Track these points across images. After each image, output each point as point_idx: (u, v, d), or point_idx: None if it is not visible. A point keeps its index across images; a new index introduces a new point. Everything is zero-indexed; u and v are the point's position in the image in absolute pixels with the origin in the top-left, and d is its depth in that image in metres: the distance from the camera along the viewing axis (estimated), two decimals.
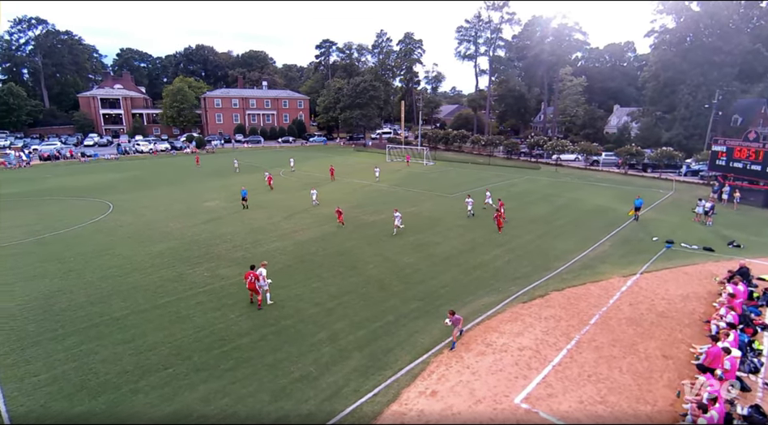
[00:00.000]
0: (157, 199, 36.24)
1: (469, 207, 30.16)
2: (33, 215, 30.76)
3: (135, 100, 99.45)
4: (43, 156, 64.04)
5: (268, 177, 41.04)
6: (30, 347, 13.81)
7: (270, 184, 40.32)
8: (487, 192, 34.69)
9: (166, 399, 11.44)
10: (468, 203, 30.35)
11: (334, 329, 15.00)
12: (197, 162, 58.62)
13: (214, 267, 20.74)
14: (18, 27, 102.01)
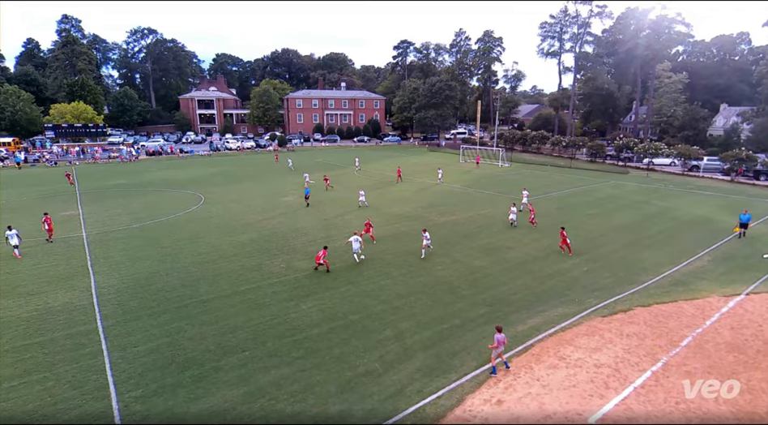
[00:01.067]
0: (242, 192, 38.94)
1: (512, 216, 27.86)
2: (139, 204, 34.58)
3: (227, 101, 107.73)
4: (149, 151, 71.89)
5: (325, 178, 41.19)
6: (132, 321, 15.56)
7: (327, 184, 40.22)
8: (524, 192, 32.95)
9: (242, 379, 12.27)
10: (512, 211, 28.03)
11: (401, 328, 15.09)
12: (276, 159, 62.14)
13: (290, 259, 21.84)
14: (133, 38, 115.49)
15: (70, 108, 73.17)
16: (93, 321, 15.55)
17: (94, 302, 17.01)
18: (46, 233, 24.61)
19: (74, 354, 13.49)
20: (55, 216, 30.82)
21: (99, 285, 18.72)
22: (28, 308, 16.56)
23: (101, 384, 12.02)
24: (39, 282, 18.99)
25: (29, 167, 58.12)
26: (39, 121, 74.37)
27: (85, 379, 12.27)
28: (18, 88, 75.45)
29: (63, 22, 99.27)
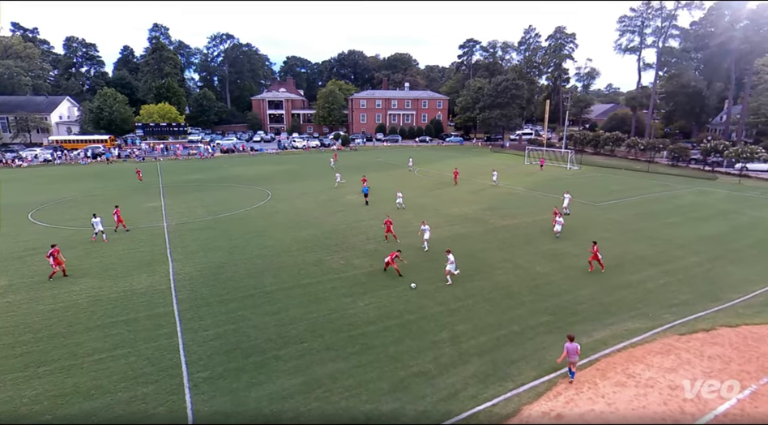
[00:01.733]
0: (306, 189, 40.38)
1: (558, 227, 25.28)
2: (213, 198, 37.04)
3: (295, 101, 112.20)
4: (223, 149, 76.77)
5: (363, 179, 39.54)
6: (203, 307, 16.71)
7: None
8: (566, 195, 31.09)
9: (300, 369, 12.73)
10: (558, 222, 25.29)
11: (456, 331, 14.86)
12: (335, 158, 63.74)
13: (348, 256, 22.31)
14: (213, 43, 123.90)
15: (157, 108, 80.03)
16: (170, 304, 16.90)
17: (171, 287, 18.48)
18: (115, 224, 26.93)
19: (153, 333, 14.76)
20: (141, 206, 33.89)
21: (176, 271, 20.31)
22: (117, 289, 18.36)
23: (175, 363, 13.04)
24: (126, 266, 20.98)
25: (121, 162, 64.36)
26: (131, 120, 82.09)
27: (161, 357, 13.37)
28: (115, 91, 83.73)
29: (154, 30, 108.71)
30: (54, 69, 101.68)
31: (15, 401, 11.41)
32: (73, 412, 11.00)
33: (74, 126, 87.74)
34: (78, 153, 67.79)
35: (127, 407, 11.16)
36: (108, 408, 11.13)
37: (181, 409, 11.07)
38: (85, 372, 12.62)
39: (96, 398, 11.51)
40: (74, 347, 13.93)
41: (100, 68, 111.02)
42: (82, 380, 12.25)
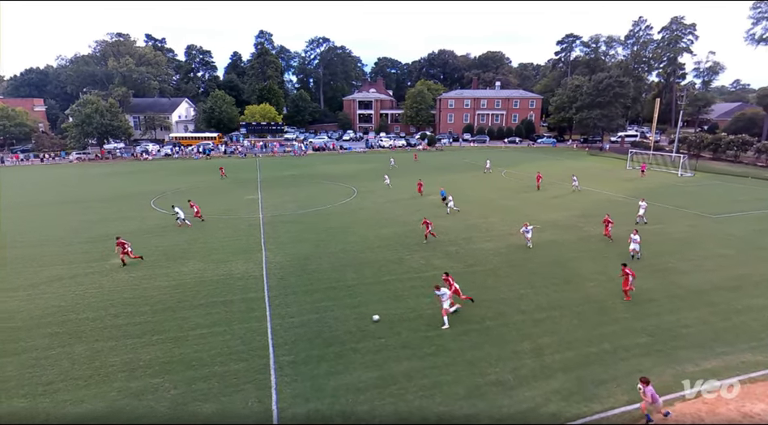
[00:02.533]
0: (391, 188, 41.02)
1: (634, 246, 21.39)
2: (304, 193, 39.25)
3: (384, 102, 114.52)
4: (315, 147, 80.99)
5: (419, 183, 38.87)
6: (290, 295, 17.80)
7: (419, 191, 37.89)
8: (641, 203, 27.92)
9: (376, 364, 12.99)
10: (634, 240, 21.46)
11: (540, 343, 14.09)
12: (415, 158, 63.88)
13: (429, 256, 22.25)
14: (310, 46, 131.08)
15: (258, 109, 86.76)
16: (261, 290, 18.26)
17: (263, 275, 19.95)
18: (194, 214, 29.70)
19: (246, 315, 16.06)
20: (241, 199, 37.00)
21: (268, 260, 21.88)
22: (217, 272, 20.29)
23: (263, 345, 14.07)
24: (226, 253, 23.08)
25: (227, 157, 70.84)
26: (236, 119, 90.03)
27: (252, 338, 14.51)
28: (224, 93, 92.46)
29: (260, 36, 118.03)
30: (176, 74, 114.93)
31: (134, 363, 13.14)
32: (177, 378, 12.38)
33: (189, 125, 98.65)
34: (191, 149, 76.05)
35: (221, 380, 12.27)
36: (205, 379, 12.34)
37: (267, 388, 11.91)
38: (189, 344, 14.14)
39: (196, 369, 12.83)
40: (181, 321, 15.66)
41: (213, 73, 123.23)
42: (186, 351, 13.74)
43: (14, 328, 15.31)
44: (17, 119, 75.71)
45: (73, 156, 69.89)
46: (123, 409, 11.12)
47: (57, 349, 13.93)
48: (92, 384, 12.17)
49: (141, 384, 12.16)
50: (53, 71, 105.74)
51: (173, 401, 11.42)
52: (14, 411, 11.12)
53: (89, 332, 15.03)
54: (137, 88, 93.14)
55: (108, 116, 71.07)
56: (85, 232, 27.38)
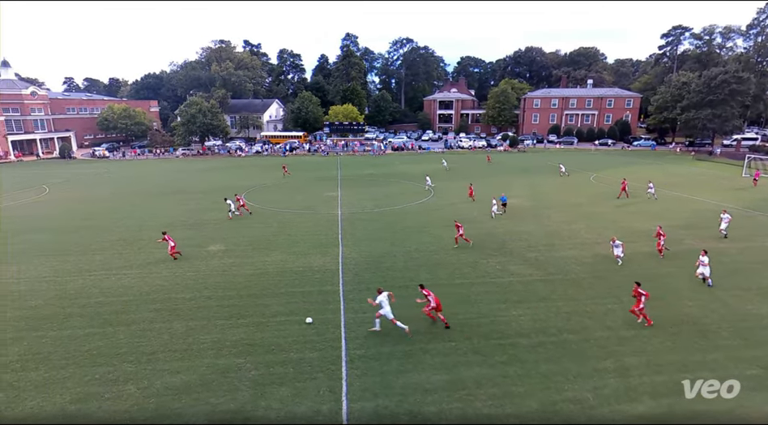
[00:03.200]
0: (466, 189, 40.27)
1: (702, 270, 18.42)
2: (381, 192, 39.95)
3: (465, 102, 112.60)
4: (394, 146, 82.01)
5: (470, 187, 37.02)
6: (364, 290, 18.23)
7: (471, 196, 36.03)
8: (723, 215, 24.47)
9: (445, 367, 12.86)
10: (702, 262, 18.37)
11: (626, 363, 12.96)
12: (488, 160, 61.67)
13: (505, 261, 21.49)
14: (394, 47, 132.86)
15: (342, 109, 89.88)
16: (337, 284, 18.93)
17: (339, 269, 20.66)
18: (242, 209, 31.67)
19: (321, 307, 16.77)
20: (321, 195, 38.62)
21: (344, 255, 22.62)
22: (298, 264, 21.41)
23: (336, 337, 14.59)
24: (306, 246, 24.27)
25: (310, 155, 74.36)
26: (321, 119, 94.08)
27: (326, 329, 15.11)
28: (311, 94, 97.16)
29: (346, 39, 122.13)
30: (269, 77, 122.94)
31: (221, 342, 14.34)
32: (258, 360, 13.28)
33: (278, 124, 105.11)
34: (279, 147, 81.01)
35: (297, 366, 12.94)
36: (282, 364, 13.10)
37: (338, 379, 12.34)
38: (269, 330, 15.10)
39: (274, 353, 13.67)
40: (263, 307, 16.78)
41: (302, 75, 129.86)
42: (266, 336, 14.69)
43: (127, 302, 17.48)
44: (137, 118, 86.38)
45: (179, 151, 77.94)
46: (211, 384, 12.19)
47: (159, 324, 15.65)
48: (186, 358, 13.50)
49: (227, 362, 13.23)
50: (166, 76, 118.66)
51: (253, 381, 12.28)
52: (125, 374, 12.70)
53: (186, 310, 16.68)
54: (234, 90, 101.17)
55: (209, 116, 78.09)
56: (187, 220, 30.41)
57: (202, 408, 11.25)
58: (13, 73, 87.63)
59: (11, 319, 16.03)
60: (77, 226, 28.86)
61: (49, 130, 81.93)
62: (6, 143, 72.85)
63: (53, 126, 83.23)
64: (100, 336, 14.86)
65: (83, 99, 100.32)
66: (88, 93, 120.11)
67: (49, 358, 13.59)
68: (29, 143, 77.93)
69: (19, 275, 20.41)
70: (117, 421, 10.85)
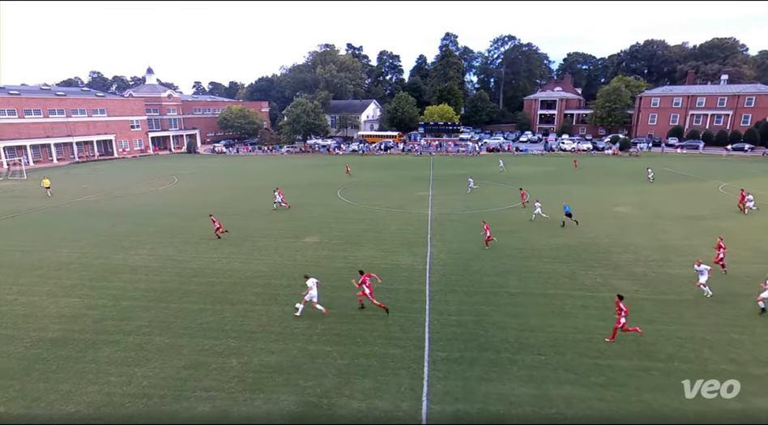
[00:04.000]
0: (565, 195, 37.67)
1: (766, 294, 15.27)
2: (473, 193, 39.03)
3: (570, 101, 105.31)
4: (489, 147, 79.74)
5: (522, 193, 33.66)
6: (450, 292, 18.01)
7: (523, 202, 33.26)
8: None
9: (533, 381, 12.18)
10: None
11: (754, 406, 11.11)
12: (575, 165, 56.53)
13: (608, 275, 19.70)
14: (494, 46, 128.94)
15: (437, 109, 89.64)
16: (423, 284, 18.95)
17: (426, 269, 20.65)
18: (282, 204, 33.55)
19: (407, 305, 16.92)
20: (413, 194, 38.91)
21: (432, 255, 22.56)
22: (386, 261, 21.85)
23: (420, 336, 14.61)
24: (395, 244, 24.66)
25: (404, 155, 75.30)
26: (416, 119, 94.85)
27: (410, 327, 15.22)
28: (407, 94, 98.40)
29: (445, 38, 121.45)
30: (368, 78, 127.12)
31: (312, 329, 15.20)
32: (344, 350, 13.83)
33: (375, 124, 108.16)
34: (375, 146, 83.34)
35: (380, 360, 13.23)
36: (367, 356, 13.49)
37: (419, 378, 12.36)
38: (356, 323, 15.63)
39: (360, 345, 14.12)
40: (352, 300, 17.41)
41: (400, 75, 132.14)
42: (353, 329, 15.24)
43: (234, 283, 19.34)
44: (250, 118, 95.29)
45: (284, 149, 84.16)
46: (301, 367, 12.99)
47: (260, 306, 17.07)
48: (281, 340, 14.55)
49: (316, 348, 14.00)
50: (276, 79, 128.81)
51: (339, 370, 12.82)
52: (229, 349, 14.08)
53: (282, 296, 17.97)
54: (336, 91, 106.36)
55: (312, 116, 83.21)
56: (288, 212, 32.72)
57: (292, 388, 12.03)
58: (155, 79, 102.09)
59: (144, 291, 18.68)
60: (197, 214, 32.65)
61: (179, 128, 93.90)
62: (147, 139, 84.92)
63: (183, 124, 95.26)
64: (211, 312, 16.65)
65: (207, 101, 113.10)
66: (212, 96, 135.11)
67: (170, 326, 15.58)
68: (164, 139, 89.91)
69: (152, 253, 23.68)
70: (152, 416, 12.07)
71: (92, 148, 74.86)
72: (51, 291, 18.69)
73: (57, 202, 37.69)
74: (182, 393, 11.87)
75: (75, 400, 11.62)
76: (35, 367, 13.14)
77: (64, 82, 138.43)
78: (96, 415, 11.03)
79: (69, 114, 71.26)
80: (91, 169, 61.00)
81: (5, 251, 24.04)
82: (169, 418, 10.97)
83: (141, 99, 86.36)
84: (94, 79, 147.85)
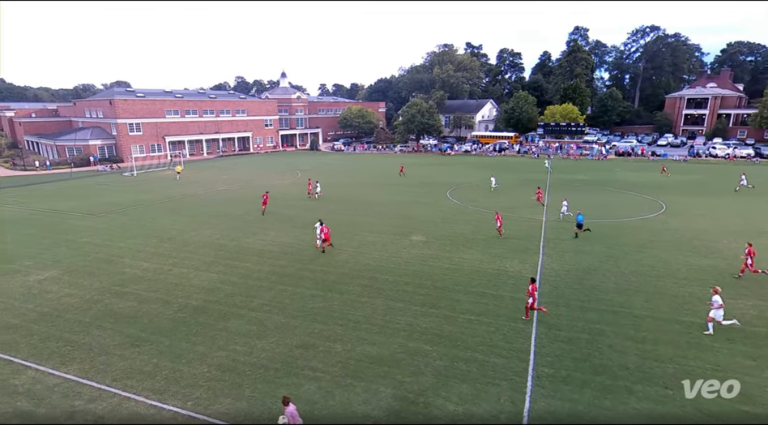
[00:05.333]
0: (714, 208, 32.33)
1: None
2: (594, 200, 35.67)
3: (726, 99, 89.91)
4: (618, 151, 71.94)
5: (538, 192, 27.04)
6: (561, 306, 16.73)
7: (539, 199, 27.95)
8: None
9: (654, 417, 10.74)
10: None
11: None
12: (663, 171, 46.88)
13: (763, 306, 16.43)
14: (633, 38, 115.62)
15: (560, 109, 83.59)
16: None
17: (537, 278, 19.46)
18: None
19: (512, 314, 16.15)
20: (525, 199, 36.94)
21: (544, 265, 21.19)
22: (493, 266, 21.13)
23: (524, 349, 13.85)
24: (504, 249, 23.70)
25: (519, 157, 71.91)
26: (535, 120, 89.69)
27: (515, 337, 14.50)
28: (527, 94, 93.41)
29: (574, 33, 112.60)
30: (486, 77, 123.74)
31: (413, 326, 15.39)
32: (443, 351, 13.73)
33: (490, 124, 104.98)
34: (488, 147, 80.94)
35: (480, 368, 12.87)
36: (466, 361, 13.22)
37: (521, 392, 11.73)
38: (457, 325, 15.42)
39: (460, 349, 13.90)
40: (454, 302, 17.21)
41: (520, 74, 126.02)
42: (454, 330, 15.05)
43: (343, 274, 20.48)
44: (367, 118, 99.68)
45: (397, 148, 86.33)
46: (400, 362, 13.24)
47: (365, 298, 17.81)
48: (382, 333, 15.01)
49: (416, 346, 14.14)
50: (394, 80, 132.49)
51: (437, 370, 12.79)
52: (335, 335, 14.97)
53: (387, 291, 18.50)
54: (452, 91, 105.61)
55: (426, 116, 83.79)
56: (396, 210, 33.55)
57: (390, 381, 12.34)
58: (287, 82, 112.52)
59: (267, 273, 20.78)
60: (316, 206, 35.21)
61: (305, 127, 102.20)
62: (278, 136, 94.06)
63: (308, 123, 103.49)
64: (322, 298, 17.86)
65: (330, 101, 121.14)
66: (334, 97, 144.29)
67: (286, 307, 17.10)
68: (291, 136, 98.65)
69: (275, 240, 26.20)
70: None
71: (234, 144, 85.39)
72: (196, 265, 21.83)
73: (203, 190, 43.81)
74: (293, 369, 12.95)
75: (207, 362, 13.42)
76: (180, 329, 15.50)
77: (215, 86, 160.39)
78: (221, 378, 12.61)
79: (218, 114, 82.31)
80: (232, 163, 69.67)
81: (166, 229, 28.69)
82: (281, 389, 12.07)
83: (275, 100, 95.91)
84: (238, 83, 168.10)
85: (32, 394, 11.93)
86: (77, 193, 42.70)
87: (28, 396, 11.87)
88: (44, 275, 20.67)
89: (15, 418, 11.06)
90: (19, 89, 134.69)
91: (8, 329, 15.55)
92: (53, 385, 12.32)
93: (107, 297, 18.20)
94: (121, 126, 68.04)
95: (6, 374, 12.90)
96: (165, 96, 78.15)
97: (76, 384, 12.33)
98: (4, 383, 12.48)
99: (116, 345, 14.44)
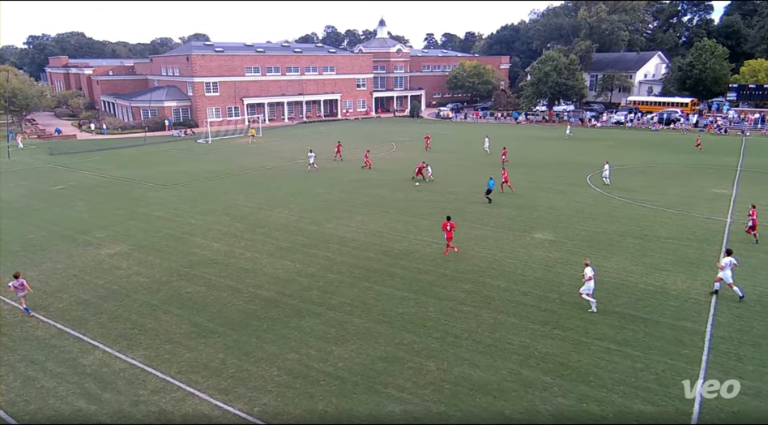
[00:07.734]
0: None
1: None
2: None
3: None
4: None
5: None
6: (747, 345, 15.01)
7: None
8: None
9: None
10: None
11: None
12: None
13: None
14: None
15: (766, 65, 73.57)
16: (702, 323, 16.29)
17: (712, 302, 17.64)
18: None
19: (671, 348, 14.86)
20: (704, 191, 33.56)
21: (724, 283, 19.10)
22: (646, 280, 19.62)
23: (685, 400, 12.59)
24: (664, 259, 21.86)
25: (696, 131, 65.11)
26: (724, 80, 79.87)
27: (672, 381, 13.30)
28: (714, 43, 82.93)
29: None
30: (654, 20, 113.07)
31: (530, 349, 14.94)
32: (569, 387, 13.14)
33: (655, 86, 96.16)
34: (651, 117, 74.38)
35: (619, 415, 12.09)
36: (600, 404, 12.48)
37: None
38: (590, 355, 14.63)
39: (592, 386, 13.17)
40: (589, 324, 16.33)
41: (706, 15, 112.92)
42: (585, 361, 14.31)
43: (442, 275, 20.56)
44: (485, 77, 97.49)
45: (522, 117, 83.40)
46: (509, 393, 12.99)
47: (469, 307, 17.71)
48: (488, 354, 14.82)
49: (532, 375, 13.74)
50: (523, 27, 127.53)
51: (557, 411, 12.30)
52: (428, 349, 15.16)
53: (497, 301, 18.18)
54: (602, 41, 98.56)
55: (564, 74, 79.35)
56: (514, 197, 32.59)
57: (494, 416, 12.18)
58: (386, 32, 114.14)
59: (350, 266, 21.65)
60: (410, 187, 35.59)
61: (405, 88, 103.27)
62: (371, 100, 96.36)
63: (408, 83, 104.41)
64: (414, 303, 18.14)
65: (438, 56, 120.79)
66: (444, 50, 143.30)
67: (370, 309, 17.69)
68: (387, 100, 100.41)
69: (361, 226, 27.11)
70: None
71: (319, 108, 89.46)
72: (270, 251, 23.52)
73: (282, 162, 46.71)
74: (374, 386, 13.41)
75: (278, 364, 14.46)
76: (250, 322, 16.88)
77: (302, 38, 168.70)
78: (292, 385, 13.49)
79: (303, 72, 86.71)
80: (315, 130, 73.19)
81: (239, 206, 31.28)
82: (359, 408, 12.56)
83: (370, 55, 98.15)
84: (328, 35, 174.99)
85: (98, 377, 13.93)
86: (151, 160, 48.47)
87: (95, 378, 13.87)
88: (114, 249, 23.86)
89: (82, 399, 13.01)
90: (98, 45, 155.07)
91: (79, 304, 18.29)
92: (120, 370, 14.24)
93: (175, 279, 20.48)
94: (197, 85, 75.17)
95: (75, 352, 15.22)
96: (246, 50, 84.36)
97: (141, 372, 14.12)
98: (74, 361, 14.75)
99: (182, 333, 16.21)
